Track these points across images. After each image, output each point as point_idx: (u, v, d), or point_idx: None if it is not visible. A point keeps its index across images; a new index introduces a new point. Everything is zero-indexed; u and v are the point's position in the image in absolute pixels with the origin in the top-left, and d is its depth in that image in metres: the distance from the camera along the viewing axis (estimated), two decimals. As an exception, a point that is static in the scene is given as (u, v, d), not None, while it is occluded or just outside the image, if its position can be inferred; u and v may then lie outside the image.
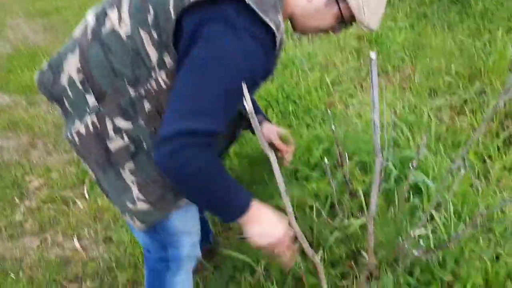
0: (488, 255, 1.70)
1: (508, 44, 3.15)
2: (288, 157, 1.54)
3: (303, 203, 1.91)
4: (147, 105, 1.12)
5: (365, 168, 2.17)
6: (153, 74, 1.08)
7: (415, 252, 1.40)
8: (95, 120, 1.14)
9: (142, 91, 1.10)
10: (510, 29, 3.72)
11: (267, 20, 0.98)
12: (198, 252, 1.46)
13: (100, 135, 1.15)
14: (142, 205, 1.21)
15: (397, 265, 1.62)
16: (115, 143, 1.15)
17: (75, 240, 2.34)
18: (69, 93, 1.17)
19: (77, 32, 1.20)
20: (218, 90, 0.99)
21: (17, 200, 2.64)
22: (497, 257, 1.76)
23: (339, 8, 1.12)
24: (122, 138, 1.14)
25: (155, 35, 1.05)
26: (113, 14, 1.11)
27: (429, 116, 2.65)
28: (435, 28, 3.98)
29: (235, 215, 1.11)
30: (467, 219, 1.86)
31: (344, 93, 3.25)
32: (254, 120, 0.86)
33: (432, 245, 1.71)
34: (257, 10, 0.97)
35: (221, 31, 0.98)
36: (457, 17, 4.16)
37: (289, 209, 1.06)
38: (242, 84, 0.89)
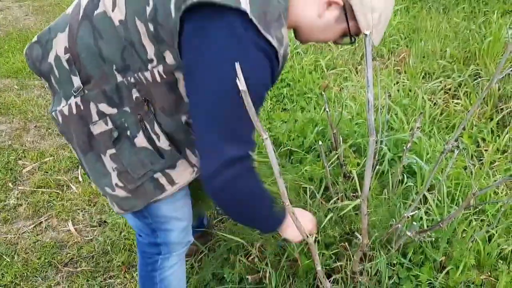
0: (480, 236, 1.72)
1: (503, 27, 3.15)
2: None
3: (297, 185, 1.92)
4: (135, 93, 1.10)
5: (359, 151, 2.18)
6: (149, 66, 1.06)
7: (408, 233, 1.41)
8: (79, 102, 1.13)
9: (131, 79, 1.08)
10: (505, 12, 3.71)
11: (269, 37, 0.96)
12: (189, 237, 1.45)
13: (83, 118, 1.14)
14: (120, 192, 1.21)
15: (390, 246, 1.64)
16: (98, 127, 1.14)
17: (70, 223, 2.34)
18: (56, 71, 1.15)
19: (70, 9, 1.17)
20: (239, 111, 0.96)
21: (10, 185, 2.63)
22: (489, 238, 1.79)
23: (348, 25, 1.11)
24: (106, 123, 1.13)
25: (151, 28, 1.02)
26: None
27: (423, 99, 2.65)
28: (430, 11, 3.96)
29: (274, 228, 1.23)
30: (461, 201, 1.88)
31: (338, 76, 3.24)
32: (257, 125, 0.85)
33: (425, 227, 1.73)
34: (259, 27, 0.95)
35: (230, 45, 0.95)
36: (453, 0, 4.13)
37: (283, 191, 1.06)
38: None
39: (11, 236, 2.28)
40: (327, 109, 1.79)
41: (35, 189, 2.58)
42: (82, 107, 1.13)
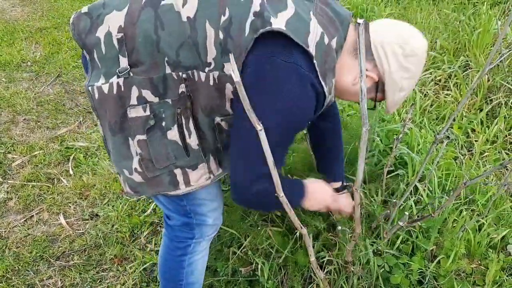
0: (470, 225, 1.74)
1: (492, 18, 3.16)
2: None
3: (290, 175, 1.92)
4: (182, 88, 1.14)
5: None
6: (206, 69, 1.10)
7: (400, 223, 1.42)
8: (121, 83, 1.13)
9: (182, 75, 1.12)
10: (494, 3, 3.72)
11: (323, 84, 1.11)
12: (220, 219, 1.49)
13: (121, 99, 1.15)
14: (136, 177, 1.24)
15: (382, 235, 1.65)
16: (135, 112, 1.15)
17: (61, 217, 2.32)
18: (103, 47, 1.14)
19: None
20: (284, 139, 1.16)
21: (0, 179, 2.60)
22: (480, 228, 1.81)
23: (376, 94, 1.25)
24: (144, 109, 1.15)
25: (220, 36, 1.07)
26: None
27: (414, 90, 2.66)
28: (420, 3, 3.96)
29: (297, 205, 1.32)
30: (451, 191, 1.90)
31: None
32: (251, 116, 0.85)
33: (416, 217, 1.75)
34: (319, 73, 1.09)
35: (294, 83, 1.07)
36: (443, -9, 4.14)
37: (277, 182, 1.06)
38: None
39: (2, 230, 2.26)
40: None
41: (25, 182, 2.55)
42: (122, 88, 1.14)
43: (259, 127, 0.90)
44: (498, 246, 1.77)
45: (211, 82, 1.12)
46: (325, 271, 1.62)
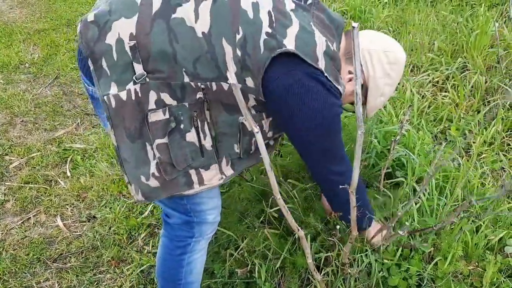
0: (468, 227, 1.74)
1: (490, 20, 3.17)
2: None
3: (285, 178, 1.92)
4: (199, 95, 1.17)
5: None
6: (228, 81, 1.15)
7: (401, 232, 1.42)
8: (138, 89, 1.14)
9: (201, 85, 1.16)
10: (492, 5, 3.73)
11: (338, 87, 1.22)
12: (219, 217, 1.50)
13: (140, 104, 1.16)
14: (153, 182, 1.25)
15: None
16: (155, 116, 1.17)
17: (59, 219, 2.32)
18: (114, 54, 1.14)
19: None
20: (328, 139, 1.29)
21: (-3, 180, 2.60)
22: (477, 229, 1.81)
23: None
24: (164, 112, 1.17)
25: (238, 54, 1.13)
26: (188, 7, 1.13)
27: (411, 92, 2.66)
28: (418, 4, 3.96)
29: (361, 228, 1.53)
30: (449, 193, 1.90)
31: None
32: (248, 119, 0.85)
33: (416, 220, 1.75)
34: (332, 80, 1.20)
35: (318, 87, 1.18)
36: (440, -7, 4.15)
37: (274, 184, 1.06)
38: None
39: (-1, 232, 2.25)
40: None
41: (22, 184, 2.55)
42: (140, 94, 1.15)
43: (255, 129, 0.91)
44: (495, 247, 1.77)
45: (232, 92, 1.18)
46: (322, 273, 1.62)
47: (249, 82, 1.16)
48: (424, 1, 4.01)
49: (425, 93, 2.79)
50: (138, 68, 1.13)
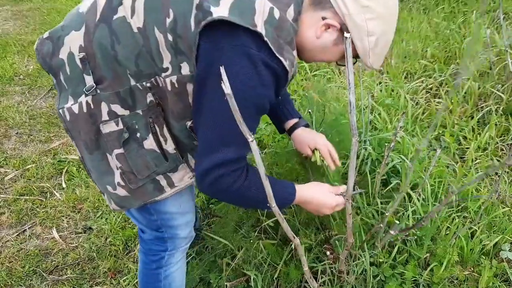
0: (463, 232, 1.75)
1: (481, 27, 3.20)
2: (332, 164, 1.56)
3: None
4: (150, 97, 1.14)
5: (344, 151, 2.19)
6: (163, 74, 1.10)
7: (392, 232, 1.43)
8: (90, 101, 1.14)
9: (147, 84, 1.12)
10: (483, 12, 3.77)
11: (282, 59, 1.05)
12: (193, 232, 1.48)
13: (92, 116, 1.15)
14: (121, 191, 1.24)
15: (375, 245, 1.65)
16: (108, 127, 1.15)
17: (54, 231, 2.31)
18: (67, 68, 1.15)
19: (85, 7, 1.16)
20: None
21: (-8, 193, 2.59)
22: (472, 235, 1.82)
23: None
24: (117, 123, 1.15)
25: (170, 38, 1.06)
26: (127, 3, 1.09)
27: (405, 98, 2.68)
28: (411, 12, 4.01)
29: (284, 206, 1.25)
30: (444, 199, 1.91)
31: (322, 77, 3.26)
32: (243, 127, 0.85)
33: (411, 225, 1.75)
34: (273, 49, 1.03)
35: (243, 64, 1.03)
36: (433, 0, 4.19)
37: (269, 192, 1.06)
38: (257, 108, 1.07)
39: (-6, 245, 2.24)
40: (310, 111, 1.80)
41: (18, 196, 2.54)
42: (92, 106, 1.14)
43: (250, 138, 0.91)
44: (490, 252, 1.78)
45: (170, 88, 1.11)
46: (319, 282, 1.62)
47: (185, 68, 1.08)
48: (417, 9, 4.06)
49: (419, 100, 2.81)
50: (88, 80, 1.13)
